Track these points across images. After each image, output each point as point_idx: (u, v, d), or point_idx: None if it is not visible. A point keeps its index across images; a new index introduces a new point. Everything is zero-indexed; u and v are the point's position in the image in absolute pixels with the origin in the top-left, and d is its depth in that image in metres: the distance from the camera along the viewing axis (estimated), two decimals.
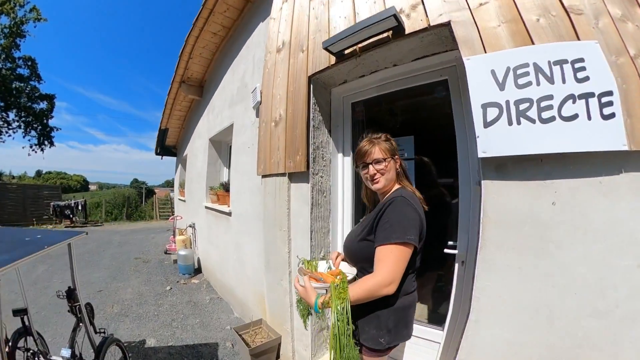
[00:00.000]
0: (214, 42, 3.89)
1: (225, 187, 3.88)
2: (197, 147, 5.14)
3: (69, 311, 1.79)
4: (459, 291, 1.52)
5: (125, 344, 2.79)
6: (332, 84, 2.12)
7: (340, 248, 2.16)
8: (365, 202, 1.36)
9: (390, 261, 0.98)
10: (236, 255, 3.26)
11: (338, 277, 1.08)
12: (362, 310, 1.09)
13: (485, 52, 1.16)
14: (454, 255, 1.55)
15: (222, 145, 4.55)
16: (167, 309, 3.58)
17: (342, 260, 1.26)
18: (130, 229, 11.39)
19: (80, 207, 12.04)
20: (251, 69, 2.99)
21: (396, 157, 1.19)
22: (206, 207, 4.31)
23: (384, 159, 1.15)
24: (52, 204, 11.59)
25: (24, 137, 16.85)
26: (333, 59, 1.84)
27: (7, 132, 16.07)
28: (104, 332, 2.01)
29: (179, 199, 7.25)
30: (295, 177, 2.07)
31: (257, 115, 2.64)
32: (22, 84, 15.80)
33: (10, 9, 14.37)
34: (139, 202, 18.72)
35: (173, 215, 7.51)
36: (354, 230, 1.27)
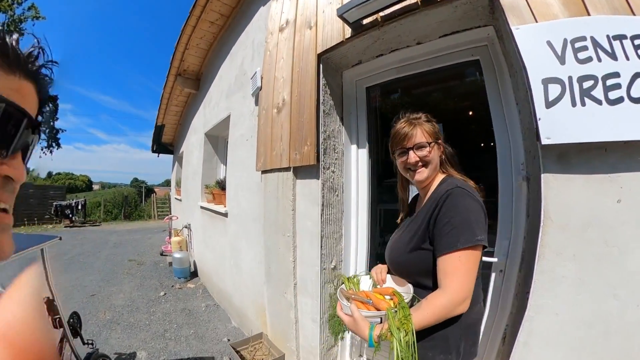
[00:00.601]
0: (212, 31, 3.66)
1: (221, 185, 3.59)
2: (193, 143, 4.87)
3: None
4: (494, 305, 1.34)
5: (115, 356, 2.55)
6: (345, 65, 1.85)
7: (356, 256, 1.87)
8: (401, 195, 1.17)
9: (461, 272, 0.82)
10: (233, 261, 2.97)
11: (389, 297, 0.92)
12: (421, 332, 0.85)
13: (536, 22, 1.02)
14: (489, 263, 1.34)
15: (218, 141, 4.29)
16: (159, 317, 3.37)
17: (387, 273, 1.09)
18: (127, 228, 11.27)
19: (80, 207, 12.33)
20: (250, 55, 2.74)
21: (440, 141, 1.01)
22: (201, 207, 4.04)
23: (428, 144, 0.97)
24: (54, 203, 11.96)
25: None
26: (348, 32, 1.56)
27: None
28: (92, 344, 1.83)
29: (175, 198, 7.02)
30: (302, 172, 1.77)
31: (257, 103, 2.36)
32: None
33: (8, 6, 14.18)
34: (138, 201, 18.64)
35: (170, 215, 7.27)
36: (399, 238, 1.05)
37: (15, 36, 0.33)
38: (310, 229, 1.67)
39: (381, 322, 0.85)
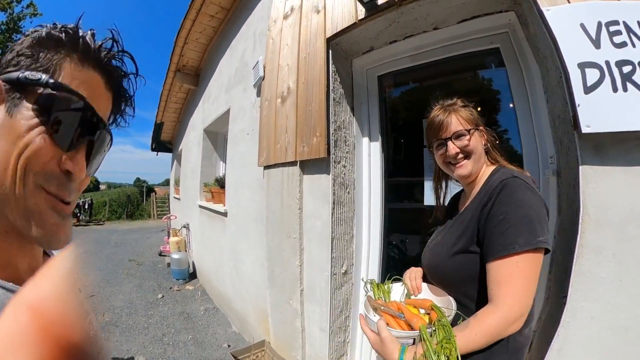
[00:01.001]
0: (212, 25, 3.53)
1: (221, 183, 3.44)
2: (192, 140, 4.75)
3: None
4: None
5: None
6: (355, 53, 1.71)
7: (368, 260, 1.72)
8: (437, 193, 1.04)
9: (518, 282, 0.68)
10: (233, 264, 2.83)
11: (424, 310, 0.79)
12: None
13: (569, 2, 0.97)
14: None
15: (217, 137, 4.16)
16: (157, 321, 3.25)
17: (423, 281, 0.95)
18: (128, 228, 11.20)
19: (87, 206, 12.55)
20: (252, 46, 2.61)
21: (480, 127, 0.89)
22: (200, 207, 3.90)
23: (467, 131, 0.85)
24: None
25: None
26: (362, 13, 1.41)
27: None
28: None
29: (174, 197, 6.88)
30: (310, 166, 1.62)
31: (259, 95, 2.22)
32: None
33: (7, 4, 14.13)
34: (140, 200, 18.69)
35: (169, 214, 7.13)
36: (441, 240, 0.92)
37: (89, 31, 0.35)
38: (320, 230, 1.52)
39: (414, 343, 0.70)
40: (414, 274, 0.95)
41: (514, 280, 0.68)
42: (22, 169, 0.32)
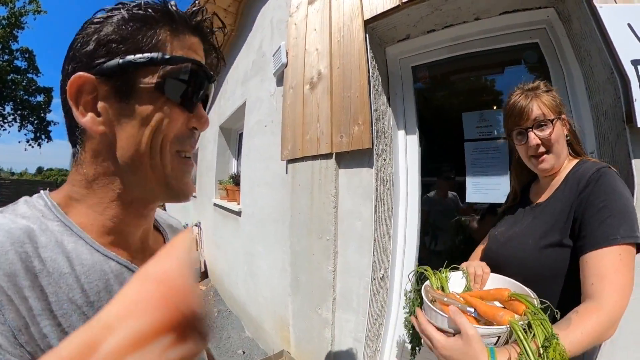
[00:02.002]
0: (228, 23, 3.36)
1: (236, 180, 3.27)
2: (207, 138, 4.67)
3: None
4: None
5: None
6: (390, 40, 1.59)
7: (402, 262, 1.56)
8: (514, 182, 0.99)
9: (623, 277, 0.62)
10: (247, 267, 2.67)
11: (499, 304, 0.69)
12: None
13: (616, 3, 1.01)
14: None
15: (231, 134, 4.03)
16: None
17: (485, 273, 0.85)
18: None
19: None
20: (269, 35, 2.46)
21: (563, 116, 0.83)
22: (214, 205, 3.77)
23: (550, 121, 0.79)
24: None
25: (19, 130, 16.48)
26: None
27: (1, 126, 15.72)
28: None
29: (192, 196, 6.77)
30: (348, 158, 1.46)
31: (279, 85, 2.07)
32: (19, 77, 15.35)
33: None
34: None
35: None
36: (524, 231, 0.83)
37: (173, 1, 0.38)
38: (360, 231, 1.35)
39: (495, 344, 0.59)
40: (478, 265, 0.83)
41: (619, 274, 0.62)
42: (158, 143, 0.35)
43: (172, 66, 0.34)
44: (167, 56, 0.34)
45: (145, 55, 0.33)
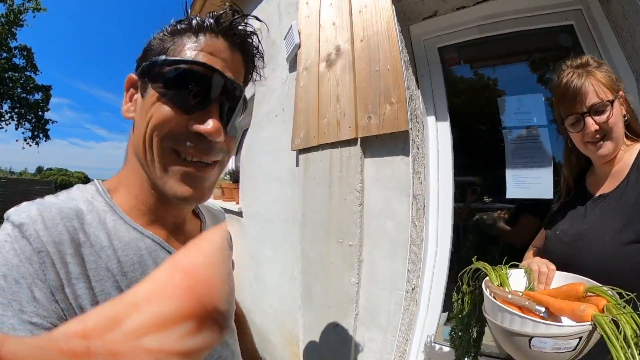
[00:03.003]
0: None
1: (234, 176, 3.03)
2: None
3: None
4: None
5: None
6: (415, 17, 1.42)
7: (433, 270, 1.34)
8: (566, 172, 0.90)
9: None
10: (252, 272, 2.44)
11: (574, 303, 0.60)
12: None
13: None
14: None
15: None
16: None
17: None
18: None
19: None
20: (277, 20, 2.27)
21: (621, 93, 0.76)
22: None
23: (610, 102, 0.71)
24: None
25: (16, 129, 16.21)
26: None
27: None
28: None
29: None
30: (377, 145, 1.22)
31: (291, 70, 1.87)
32: (17, 74, 15.13)
33: None
34: None
35: None
36: (598, 224, 0.76)
37: (211, 13, 0.42)
38: (392, 233, 1.12)
39: (575, 347, 0.55)
40: (543, 262, 0.77)
41: None
42: (150, 137, 0.40)
43: (168, 67, 0.39)
44: (164, 58, 0.39)
45: (152, 58, 0.40)
